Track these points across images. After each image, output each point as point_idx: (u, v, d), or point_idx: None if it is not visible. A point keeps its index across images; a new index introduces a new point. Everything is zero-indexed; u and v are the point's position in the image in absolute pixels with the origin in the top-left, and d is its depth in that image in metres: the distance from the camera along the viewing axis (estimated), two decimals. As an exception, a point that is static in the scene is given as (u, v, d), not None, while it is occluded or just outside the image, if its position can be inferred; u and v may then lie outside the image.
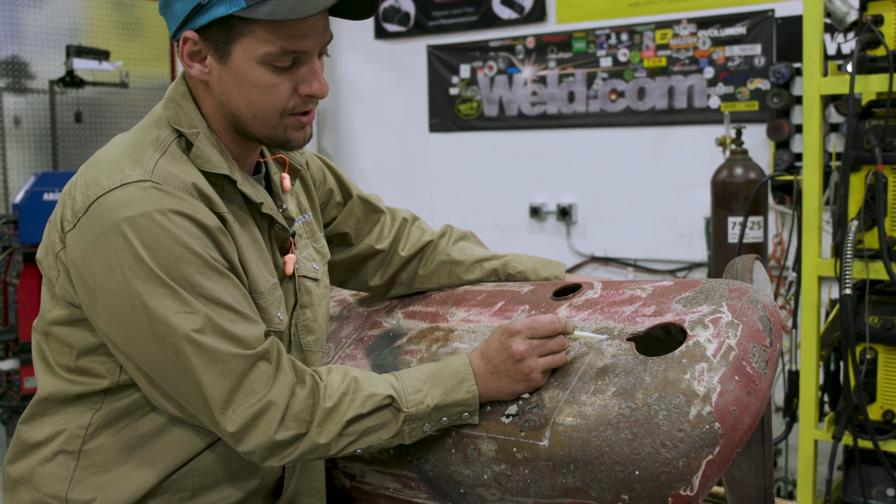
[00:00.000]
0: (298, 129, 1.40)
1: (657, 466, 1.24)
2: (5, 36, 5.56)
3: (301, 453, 1.35)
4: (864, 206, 2.94)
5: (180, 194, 1.29)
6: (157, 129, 1.39)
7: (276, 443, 1.33)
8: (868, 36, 2.92)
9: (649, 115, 5.51)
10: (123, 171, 1.30)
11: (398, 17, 6.55)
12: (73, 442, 1.40)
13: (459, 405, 1.42)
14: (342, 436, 1.36)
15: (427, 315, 1.73)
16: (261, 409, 1.31)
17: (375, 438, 1.39)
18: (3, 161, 5.57)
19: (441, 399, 1.41)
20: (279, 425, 1.32)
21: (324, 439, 1.35)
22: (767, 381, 1.33)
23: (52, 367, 1.42)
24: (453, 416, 1.42)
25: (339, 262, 1.81)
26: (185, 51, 1.35)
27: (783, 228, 4.96)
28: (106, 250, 1.27)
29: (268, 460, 1.35)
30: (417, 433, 1.42)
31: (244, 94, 1.35)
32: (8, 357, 4.82)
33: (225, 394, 1.30)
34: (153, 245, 1.26)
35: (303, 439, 1.34)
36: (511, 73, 6.05)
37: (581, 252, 5.86)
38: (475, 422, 1.43)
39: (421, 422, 1.40)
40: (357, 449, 1.39)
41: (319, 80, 1.36)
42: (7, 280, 4.80)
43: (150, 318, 1.27)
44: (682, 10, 5.32)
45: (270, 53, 1.31)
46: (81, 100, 5.82)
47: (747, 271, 1.57)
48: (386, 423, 1.39)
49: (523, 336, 1.40)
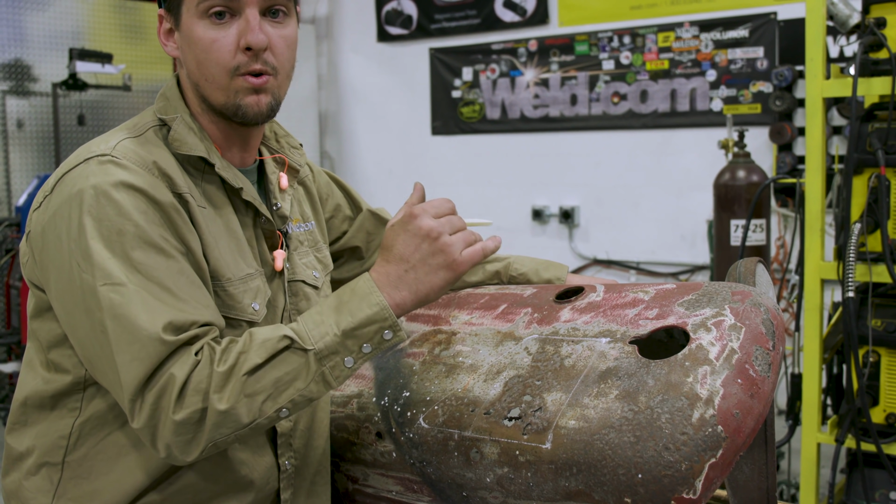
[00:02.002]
0: (250, 93, 1.37)
1: (660, 469, 1.23)
2: (8, 39, 5.57)
3: (210, 432, 1.21)
4: (867, 209, 2.94)
5: (136, 168, 1.29)
6: (139, 119, 1.42)
7: (179, 424, 1.19)
8: (871, 39, 2.92)
9: (652, 117, 5.51)
10: (90, 149, 1.33)
11: (400, 20, 6.55)
12: (56, 453, 1.38)
13: (371, 322, 1.26)
14: (248, 397, 1.21)
15: (429, 318, 1.73)
16: (161, 387, 1.20)
17: (293, 391, 1.24)
18: (6, 164, 5.58)
19: (348, 323, 1.26)
20: (176, 403, 1.20)
21: (225, 405, 1.20)
22: (770, 385, 1.33)
23: (32, 365, 1.41)
24: (373, 339, 1.27)
25: (353, 276, 1.79)
26: (161, 30, 1.42)
27: (786, 231, 4.96)
28: (59, 222, 1.28)
29: (186, 452, 1.22)
30: (341, 371, 1.26)
31: (194, 55, 1.37)
32: (10, 360, 4.83)
33: (137, 380, 1.20)
34: (98, 215, 1.25)
35: (206, 414, 1.20)
36: (513, 75, 6.05)
37: (583, 255, 5.85)
38: (402, 339, 1.29)
39: (336, 356, 1.25)
40: (280, 410, 1.24)
41: (253, 31, 1.34)
42: (10, 283, 4.81)
43: (83, 290, 1.24)
44: (684, 13, 5.32)
45: (202, 1, 1.33)
46: (84, 102, 5.83)
47: (750, 274, 1.57)
48: (297, 370, 1.24)
49: (428, 214, 1.28)
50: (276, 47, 1.38)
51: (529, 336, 1.54)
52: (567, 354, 1.45)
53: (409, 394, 1.55)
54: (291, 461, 1.51)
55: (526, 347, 1.51)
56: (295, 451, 1.52)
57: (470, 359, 1.55)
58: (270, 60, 1.37)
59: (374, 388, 1.62)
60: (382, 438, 1.55)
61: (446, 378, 1.54)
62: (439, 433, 1.45)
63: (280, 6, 1.38)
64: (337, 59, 7.03)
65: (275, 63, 1.38)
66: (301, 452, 1.53)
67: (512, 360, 1.50)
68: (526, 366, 1.47)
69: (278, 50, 1.38)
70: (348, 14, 6.92)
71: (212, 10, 1.33)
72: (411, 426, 1.51)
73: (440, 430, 1.46)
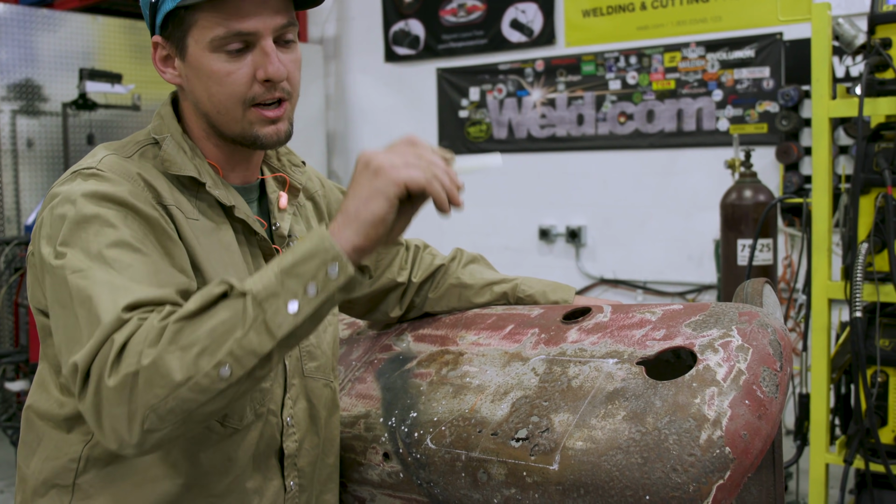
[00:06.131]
0: (266, 124, 1.37)
1: (668, 491, 1.23)
2: (19, 59, 5.62)
3: (143, 394, 1.09)
4: (874, 229, 2.94)
5: (119, 179, 1.31)
6: (133, 137, 1.43)
7: (113, 391, 1.10)
8: (877, 59, 2.93)
9: (658, 137, 5.52)
10: (78, 166, 1.35)
11: (408, 41, 6.59)
12: (66, 475, 1.38)
13: (311, 256, 1.14)
14: (181, 349, 1.10)
15: (437, 338, 1.74)
16: (102, 356, 1.12)
17: (232, 342, 1.10)
18: (16, 183, 5.61)
19: (287, 261, 1.15)
20: (112, 368, 1.11)
21: (148, 359, 1.09)
22: (778, 406, 1.33)
23: (46, 385, 1.41)
24: (317, 277, 1.13)
25: (362, 297, 1.80)
26: (157, 57, 1.41)
27: (793, 251, 4.95)
28: (44, 230, 1.29)
29: (129, 431, 1.11)
30: (283, 318, 1.12)
31: (204, 87, 1.36)
32: (18, 378, 4.83)
33: (88, 356, 1.13)
34: (75, 217, 1.25)
35: (138, 376, 1.09)
36: (520, 95, 6.07)
37: (590, 274, 5.85)
38: (350, 273, 1.15)
39: (276, 298, 1.12)
40: (221, 366, 1.10)
41: (273, 62, 1.33)
42: (19, 301, 4.82)
43: (60, 284, 1.22)
44: (690, 34, 5.34)
45: (217, 37, 1.32)
46: (94, 122, 5.86)
47: (757, 295, 1.57)
48: (233, 317, 1.11)
49: (373, 150, 1.21)
50: (291, 73, 1.39)
51: (537, 357, 1.54)
52: (574, 375, 1.45)
53: (417, 414, 1.55)
54: (296, 481, 1.51)
55: (533, 368, 1.51)
56: (300, 471, 1.52)
57: (477, 379, 1.55)
58: (286, 87, 1.38)
59: (381, 409, 1.62)
60: (390, 459, 1.55)
61: (454, 398, 1.54)
62: (447, 454, 1.46)
63: (290, 31, 1.39)
64: (345, 80, 7.07)
65: (290, 89, 1.39)
66: (306, 472, 1.53)
67: (519, 381, 1.50)
68: (533, 386, 1.47)
69: (292, 75, 1.39)
70: (356, 35, 6.96)
71: (229, 46, 1.33)
72: (419, 447, 1.51)
73: (447, 451, 1.46)
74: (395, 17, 6.64)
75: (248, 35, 1.33)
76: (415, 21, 6.53)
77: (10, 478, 4.60)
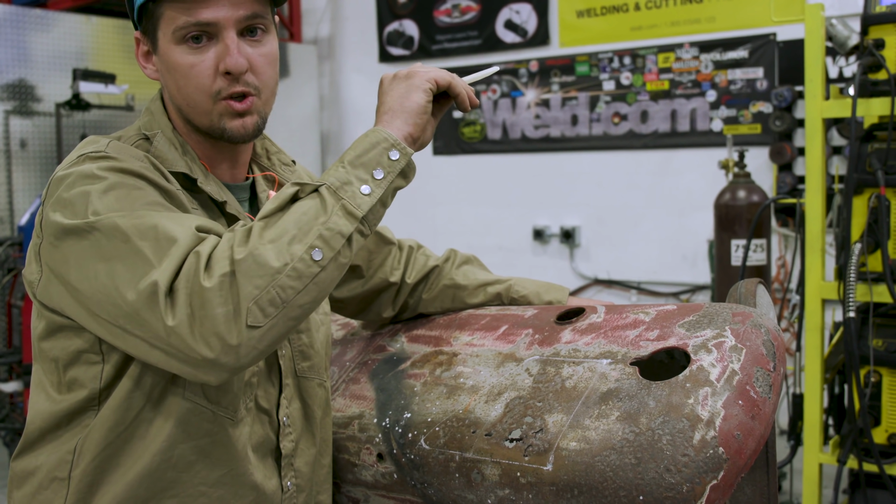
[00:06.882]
0: (234, 117, 1.38)
1: (661, 491, 1.23)
2: (12, 59, 5.61)
3: (245, 286, 1.14)
4: (867, 229, 2.94)
5: (129, 158, 1.31)
6: (124, 133, 1.44)
7: (211, 291, 1.13)
8: (869, 60, 2.93)
9: (652, 137, 5.52)
10: (81, 150, 1.34)
11: (402, 41, 6.59)
12: (63, 468, 1.38)
13: (372, 147, 1.30)
14: (272, 242, 1.17)
15: (431, 339, 1.74)
16: (189, 267, 1.16)
17: (318, 226, 1.20)
18: (9, 183, 5.60)
19: (351, 155, 1.30)
20: (205, 273, 1.15)
21: (241, 254, 1.15)
22: (771, 406, 1.33)
23: (42, 387, 1.41)
24: (381, 161, 1.29)
25: (354, 297, 1.80)
26: (139, 53, 1.43)
27: (786, 251, 4.96)
28: (70, 207, 1.26)
29: (233, 331, 1.14)
30: (360, 199, 1.25)
31: (174, 80, 1.37)
32: (11, 379, 4.82)
33: (170, 272, 1.16)
34: (100, 187, 1.25)
35: (235, 273, 1.15)
36: (514, 96, 6.08)
37: (584, 275, 5.86)
38: (409, 154, 1.32)
39: (349, 186, 1.25)
40: (313, 249, 1.19)
41: (231, 54, 1.34)
42: (11, 302, 4.81)
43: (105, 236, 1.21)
44: (684, 34, 5.35)
45: (179, 28, 1.33)
46: (87, 122, 5.85)
47: (750, 295, 1.57)
48: (315, 207, 1.22)
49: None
50: (258, 67, 1.38)
51: (531, 357, 1.54)
52: (568, 376, 1.45)
53: (411, 415, 1.55)
54: (294, 481, 1.51)
55: (527, 368, 1.51)
56: (296, 471, 1.51)
57: (471, 380, 1.56)
58: (252, 81, 1.37)
59: (375, 410, 1.62)
60: (384, 460, 1.55)
61: (447, 399, 1.54)
62: (440, 454, 1.46)
63: (258, 24, 1.38)
64: (339, 80, 7.07)
65: (257, 83, 1.38)
66: (303, 472, 1.53)
67: (513, 382, 1.50)
68: (527, 387, 1.47)
69: (260, 69, 1.38)
70: (350, 35, 6.96)
71: (188, 35, 1.33)
72: (413, 447, 1.51)
73: (441, 452, 1.46)
74: (389, 18, 6.64)
75: (207, 25, 1.33)
76: (409, 21, 6.53)
77: (3, 479, 4.59)
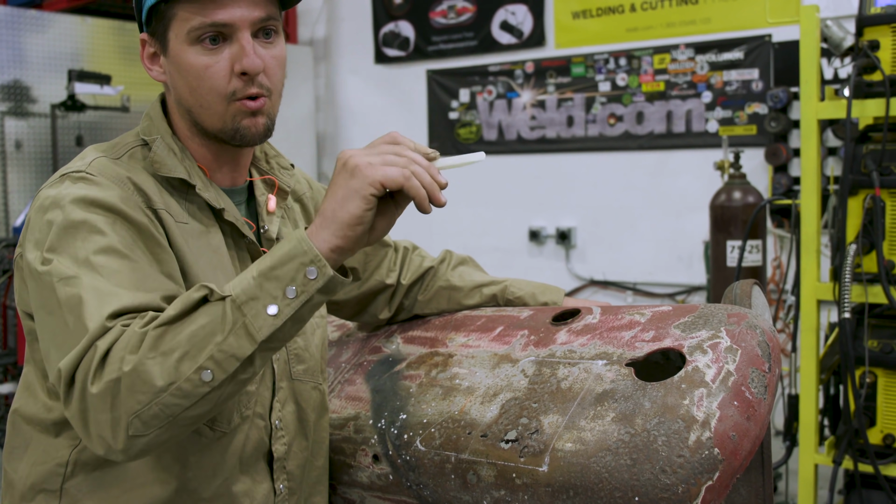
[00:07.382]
0: (247, 117, 1.37)
1: (657, 492, 1.23)
2: (8, 60, 5.59)
3: (126, 400, 1.09)
4: (863, 230, 2.95)
5: (108, 183, 1.30)
6: (122, 139, 1.43)
7: (97, 398, 1.09)
8: (865, 61, 2.94)
9: (648, 139, 5.53)
10: (67, 168, 1.34)
11: (398, 42, 6.59)
12: (54, 480, 1.37)
13: (289, 258, 1.15)
14: (162, 355, 1.09)
15: (426, 340, 1.73)
16: (85, 363, 1.12)
17: (212, 347, 1.10)
18: (4, 184, 5.58)
19: (265, 264, 1.16)
20: (95, 375, 1.10)
21: (129, 366, 1.08)
22: (767, 407, 1.33)
23: (33, 389, 1.40)
24: (296, 279, 1.14)
25: (350, 299, 1.80)
26: (145, 54, 1.42)
27: (782, 252, 4.96)
28: (30, 234, 1.28)
29: (115, 437, 1.11)
30: (263, 320, 1.12)
31: (186, 82, 1.36)
32: (6, 380, 4.81)
33: (72, 363, 1.12)
34: (63, 223, 1.24)
35: (119, 382, 1.09)
36: (510, 97, 6.08)
37: (580, 276, 5.86)
38: (329, 275, 1.15)
39: (256, 302, 1.12)
40: (202, 371, 1.10)
41: (248, 55, 1.33)
42: (6, 303, 4.80)
43: (47, 290, 1.21)
44: (679, 36, 5.36)
45: (194, 29, 1.32)
46: (83, 124, 5.84)
47: (746, 296, 1.57)
48: (213, 322, 1.12)
49: (352, 150, 1.22)
50: (270, 69, 1.38)
51: (526, 358, 1.54)
52: (564, 377, 1.45)
53: (406, 416, 1.55)
54: (286, 484, 1.51)
55: (523, 370, 1.51)
56: (289, 474, 1.51)
57: (467, 381, 1.55)
58: (265, 83, 1.37)
59: (370, 411, 1.62)
60: (379, 461, 1.55)
61: (443, 400, 1.54)
62: (436, 456, 1.45)
63: (271, 26, 1.38)
64: (335, 81, 7.06)
65: (269, 84, 1.38)
66: (296, 475, 1.53)
67: (509, 383, 1.50)
68: (522, 388, 1.47)
69: (272, 71, 1.38)
70: (346, 36, 6.96)
71: (204, 36, 1.32)
72: (408, 449, 1.51)
73: (437, 453, 1.46)
74: (385, 19, 6.64)
75: (223, 26, 1.32)
76: (405, 23, 6.53)
77: (-1, 481, 4.58)
